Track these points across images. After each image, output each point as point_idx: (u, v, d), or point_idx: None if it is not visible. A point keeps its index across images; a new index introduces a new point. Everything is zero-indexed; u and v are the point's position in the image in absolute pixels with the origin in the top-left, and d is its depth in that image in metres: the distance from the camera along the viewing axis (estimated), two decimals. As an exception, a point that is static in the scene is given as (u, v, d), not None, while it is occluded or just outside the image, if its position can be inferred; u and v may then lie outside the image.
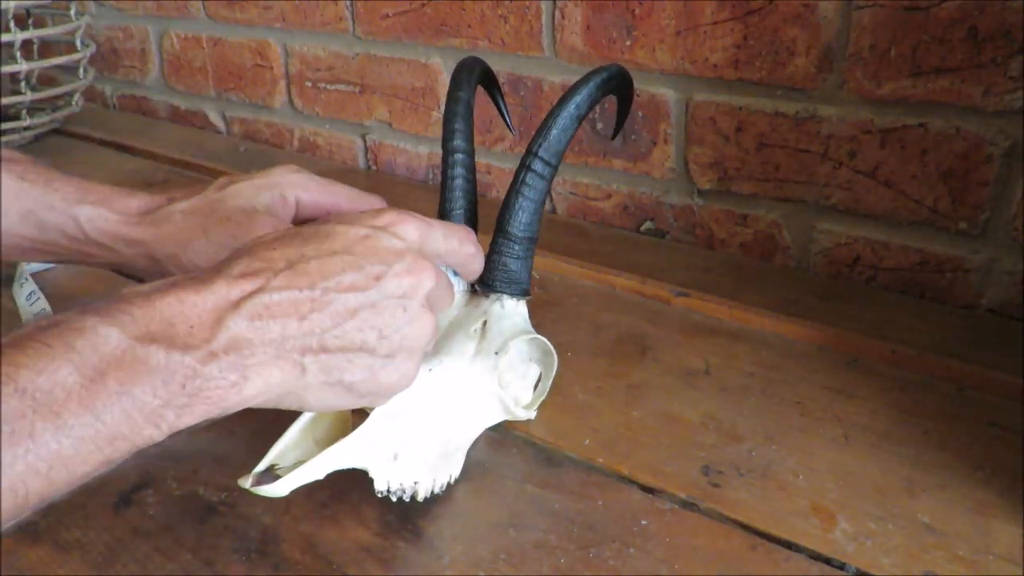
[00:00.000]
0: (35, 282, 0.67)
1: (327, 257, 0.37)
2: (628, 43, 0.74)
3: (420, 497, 0.43)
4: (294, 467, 0.39)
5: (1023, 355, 0.56)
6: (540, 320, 0.63)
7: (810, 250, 0.71)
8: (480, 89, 0.57)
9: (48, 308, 0.64)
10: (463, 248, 0.44)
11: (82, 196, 0.49)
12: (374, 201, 0.54)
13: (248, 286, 0.35)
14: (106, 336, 0.31)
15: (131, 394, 0.31)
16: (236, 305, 0.34)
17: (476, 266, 0.46)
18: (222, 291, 0.34)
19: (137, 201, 0.50)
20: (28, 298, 0.66)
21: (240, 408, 0.35)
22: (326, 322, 0.36)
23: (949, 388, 0.54)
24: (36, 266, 0.73)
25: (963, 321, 0.63)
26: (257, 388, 0.34)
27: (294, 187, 0.52)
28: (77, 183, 0.49)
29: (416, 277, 0.39)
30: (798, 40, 0.65)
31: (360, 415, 0.42)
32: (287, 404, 0.37)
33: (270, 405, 0.37)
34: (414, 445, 0.43)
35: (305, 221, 0.51)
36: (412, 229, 0.40)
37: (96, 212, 0.49)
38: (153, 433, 0.32)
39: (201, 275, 0.35)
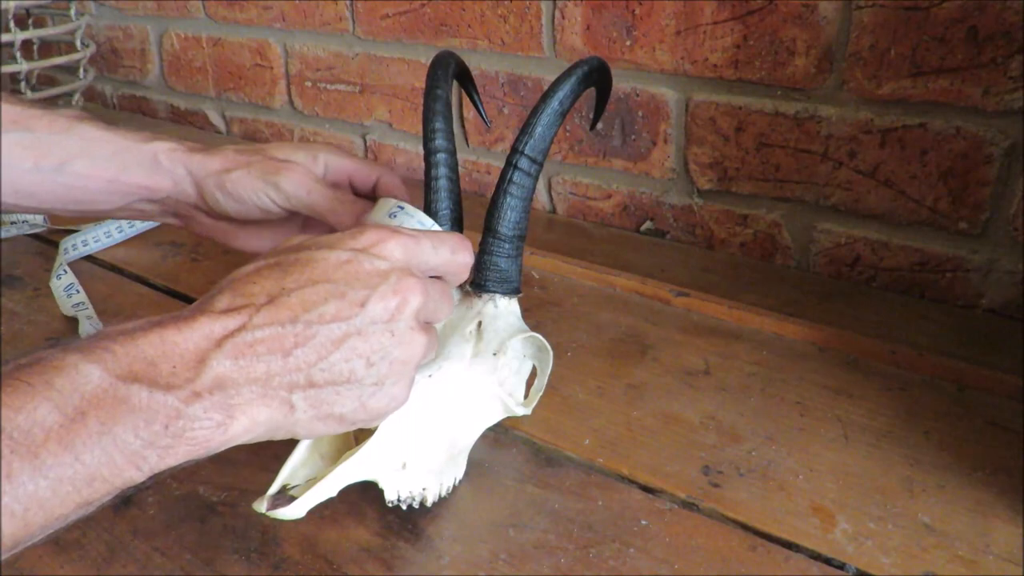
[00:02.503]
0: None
1: (308, 287, 0.36)
2: (628, 43, 0.74)
3: (429, 503, 0.43)
4: (306, 486, 0.39)
5: (1023, 355, 0.56)
6: (540, 320, 0.63)
7: (810, 250, 0.71)
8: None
9: (86, 300, 0.65)
10: (456, 258, 0.42)
11: (154, 136, 0.55)
12: (392, 178, 0.56)
13: (231, 323, 0.34)
14: (87, 374, 0.30)
15: (112, 434, 0.30)
16: (219, 344, 0.34)
17: (467, 275, 0.45)
18: (204, 329, 0.34)
19: (195, 141, 0.57)
20: (67, 290, 0.67)
21: (227, 447, 0.34)
22: (311, 356, 0.35)
23: (949, 388, 0.54)
24: (74, 255, 0.73)
25: (963, 321, 0.63)
26: (243, 427, 0.34)
27: (326, 153, 0.55)
28: (142, 130, 0.57)
29: (401, 296, 0.37)
30: (798, 40, 0.65)
31: (362, 428, 0.42)
32: (279, 436, 0.37)
33: (260, 440, 0.36)
34: (421, 452, 0.43)
35: (333, 183, 0.55)
36: (395, 247, 0.39)
37: (169, 145, 0.55)
38: (134, 475, 0.31)
39: (184, 312, 0.35)
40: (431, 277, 0.41)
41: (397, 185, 0.55)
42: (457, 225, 0.50)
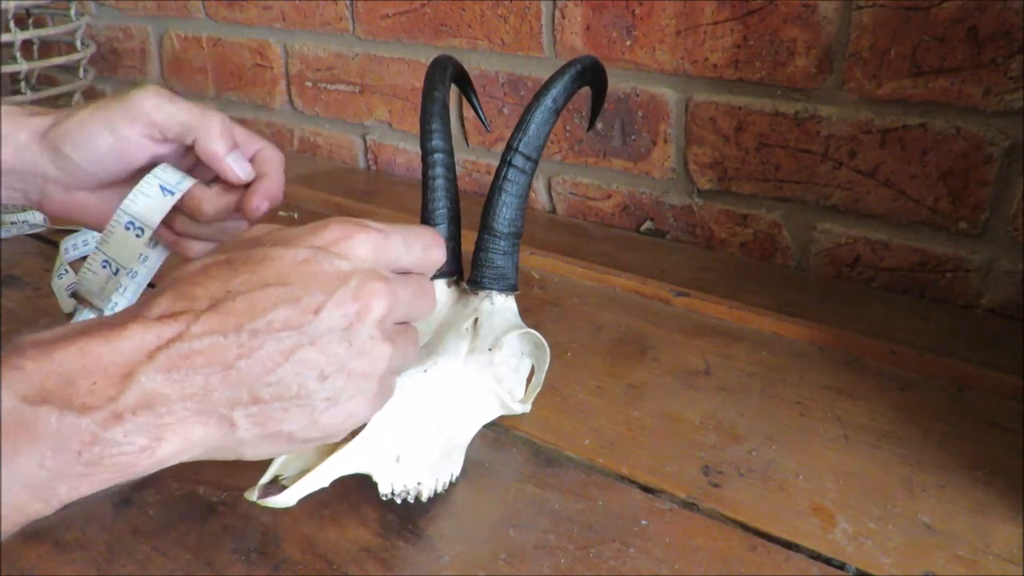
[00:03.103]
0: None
1: (258, 291, 0.32)
2: (628, 43, 0.74)
3: (424, 498, 0.43)
4: (298, 476, 0.39)
5: (1023, 355, 0.56)
6: (540, 320, 0.63)
7: (810, 250, 0.71)
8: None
9: None
10: (429, 255, 0.39)
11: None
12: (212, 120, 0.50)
13: (166, 331, 0.30)
14: None
15: (12, 465, 0.27)
16: (151, 356, 0.30)
17: (437, 255, 0.40)
18: (135, 339, 0.30)
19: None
20: (68, 288, 0.67)
21: (160, 469, 0.31)
22: (256, 369, 0.31)
23: (949, 388, 0.54)
24: (74, 254, 0.73)
25: (963, 321, 0.63)
26: (176, 447, 0.31)
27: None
28: None
29: (362, 302, 0.34)
30: (798, 40, 0.65)
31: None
32: (222, 456, 0.34)
33: (202, 459, 0.33)
34: (415, 447, 0.43)
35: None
36: (361, 244, 0.35)
37: (7, 108, 0.48)
38: (41, 508, 0.28)
39: (116, 318, 0.31)
40: (403, 273, 0.38)
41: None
42: (454, 224, 0.50)
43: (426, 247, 0.39)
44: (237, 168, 0.49)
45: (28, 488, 0.28)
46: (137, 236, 0.49)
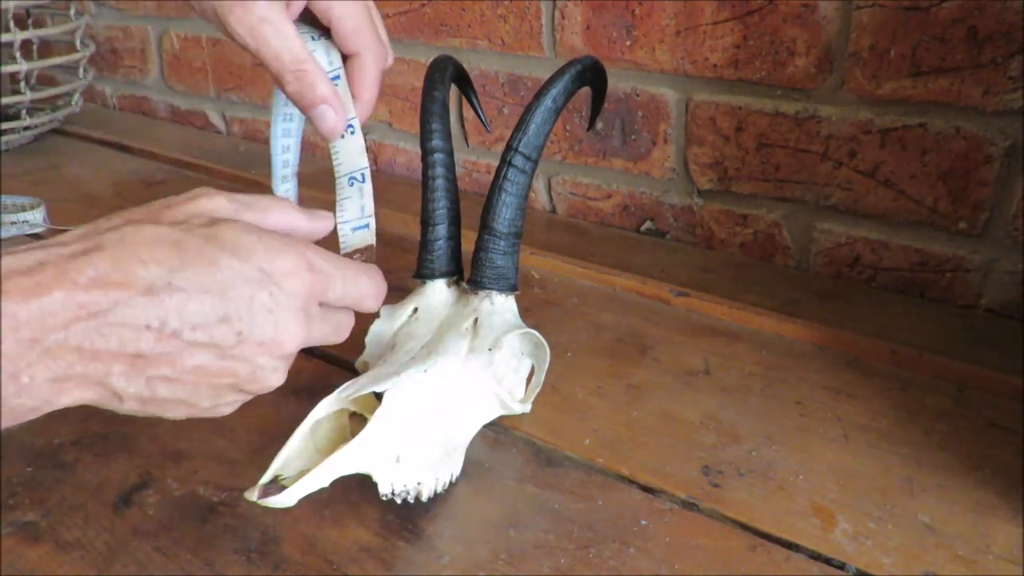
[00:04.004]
0: None
1: (197, 295, 0.32)
2: (628, 43, 0.74)
3: (424, 498, 0.43)
4: (298, 476, 0.39)
5: (1023, 355, 0.56)
6: (540, 320, 0.63)
7: (810, 250, 0.71)
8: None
9: None
10: (363, 302, 0.40)
11: None
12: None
13: (92, 303, 0.29)
14: None
15: None
16: (67, 325, 0.29)
17: (369, 304, 0.41)
18: (57, 304, 0.29)
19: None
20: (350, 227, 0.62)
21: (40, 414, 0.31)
22: (163, 368, 0.32)
23: (949, 388, 0.54)
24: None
25: (963, 321, 0.63)
26: (62, 406, 0.31)
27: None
28: None
29: (279, 338, 0.35)
30: (798, 40, 0.65)
31: (359, 421, 0.42)
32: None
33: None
34: (415, 446, 0.43)
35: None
36: (303, 285, 0.36)
37: None
38: None
39: (38, 267, 0.29)
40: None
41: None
42: (454, 224, 0.50)
43: (361, 297, 0.40)
44: (320, 125, 0.47)
45: None
46: (352, 133, 0.48)
